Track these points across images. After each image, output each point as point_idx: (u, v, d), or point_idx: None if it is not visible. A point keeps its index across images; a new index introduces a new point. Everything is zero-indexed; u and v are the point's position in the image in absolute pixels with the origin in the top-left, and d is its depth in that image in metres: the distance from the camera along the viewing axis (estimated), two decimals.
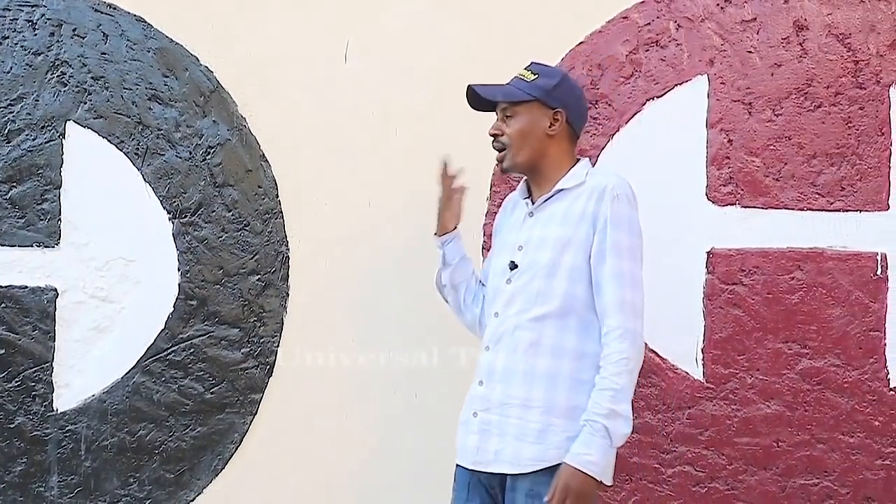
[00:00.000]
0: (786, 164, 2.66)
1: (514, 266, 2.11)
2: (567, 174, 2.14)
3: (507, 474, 2.03)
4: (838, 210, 2.64)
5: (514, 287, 2.10)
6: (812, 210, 2.65)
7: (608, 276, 2.02)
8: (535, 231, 2.11)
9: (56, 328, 2.89)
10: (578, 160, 2.20)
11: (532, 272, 2.07)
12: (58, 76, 2.91)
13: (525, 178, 2.23)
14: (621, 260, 2.03)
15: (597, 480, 1.94)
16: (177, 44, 2.89)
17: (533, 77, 2.16)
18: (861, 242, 2.64)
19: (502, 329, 2.09)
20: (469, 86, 2.20)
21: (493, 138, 2.18)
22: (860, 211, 2.64)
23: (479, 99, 2.20)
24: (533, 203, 2.17)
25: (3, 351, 2.89)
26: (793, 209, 2.66)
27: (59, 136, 2.90)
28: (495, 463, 2.04)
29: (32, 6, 2.92)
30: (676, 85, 2.72)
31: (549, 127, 2.13)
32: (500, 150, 2.17)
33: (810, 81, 2.66)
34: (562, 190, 2.12)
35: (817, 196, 2.65)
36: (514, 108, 2.14)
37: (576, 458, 1.93)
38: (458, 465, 2.15)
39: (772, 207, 2.67)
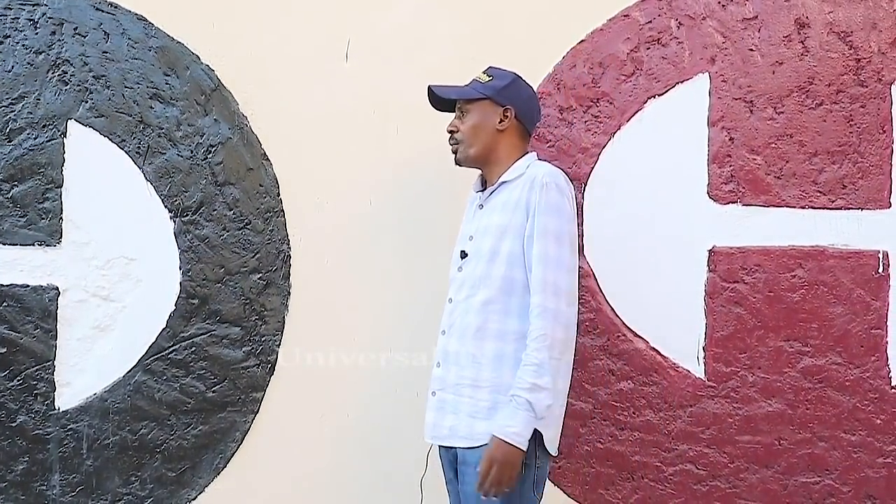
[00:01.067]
0: (787, 162, 2.66)
1: (464, 255, 2.29)
2: (511, 167, 2.31)
3: (457, 449, 2.22)
4: (840, 208, 2.64)
5: (463, 274, 2.29)
6: (813, 208, 2.65)
7: (534, 259, 2.16)
8: (482, 221, 2.29)
9: (58, 327, 2.89)
10: (526, 153, 2.36)
11: (477, 259, 2.25)
12: (59, 75, 2.91)
13: (480, 172, 2.40)
14: (546, 243, 2.16)
15: (520, 449, 2.07)
16: (178, 42, 2.89)
17: (488, 79, 2.36)
18: (862, 240, 2.63)
19: (455, 315, 2.27)
20: (429, 86, 2.39)
21: (450, 134, 2.36)
22: (862, 209, 2.63)
23: (440, 99, 2.40)
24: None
25: (4, 350, 2.89)
26: (794, 207, 2.66)
27: (60, 135, 2.90)
28: (450, 438, 2.23)
29: (34, 5, 2.92)
30: (678, 83, 2.72)
31: (499, 123, 2.32)
32: (454, 144, 2.35)
33: (812, 79, 2.66)
34: (504, 182, 2.29)
35: (819, 194, 2.65)
36: (467, 106, 2.34)
37: (500, 429, 2.08)
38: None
39: (773, 205, 2.66)
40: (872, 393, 2.62)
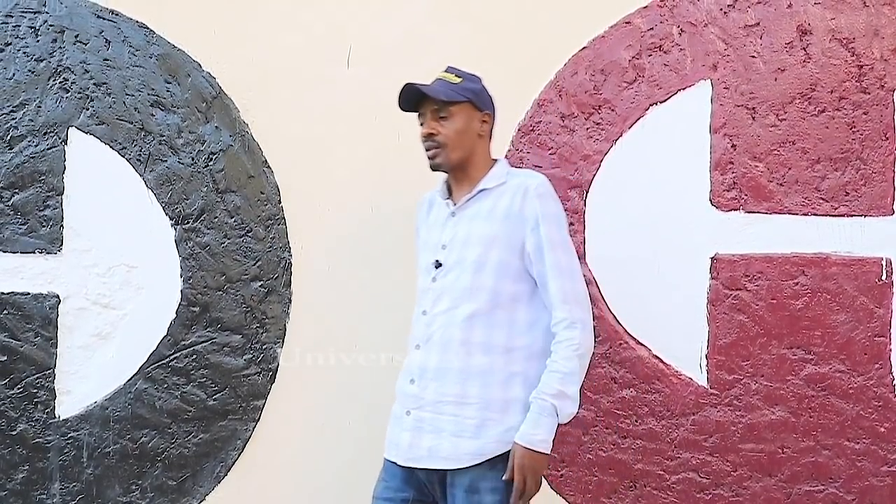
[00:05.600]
0: (790, 168, 2.66)
1: (438, 265, 2.18)
2: (488, 174, 2.22)
3: (445, 470, 2.09)
4: (843, 215, 2.63)
5: (440, 285, 2.17)
6: (816, 215, 2.64)
7: (549, 272, 2.11)
8: (459, 229, 2.18)
9: (58, 335, 2.88)
10: (496, 160, 2.28)
11: (459, 269, 2.14)
12: (60, 82, 2.91)
13: (445, 178, 2.30)
14: (557, 254, 2.11)
15: (546, 455, 2.06)
16: (179, 50, 2.89)
17: (458, 80, 2.23)
18: (866, 247, 2.63)
19: (432, 328, 2.15)
20: (406, 84, 2.22)
21: (426, 138, 2.22)
22: (865, 216, 2.63)
23: (407, 100, 2.25)
24: (454, 203, 2.23)
25: (5, 358, 2.89)
26: (797, 214, 2.65)
27: (61, 143, 2.90)
28: (429, 459, 2.11)
29: (35, 13, 2.92)
30: (680, 90, 2.72)
31: (480, 128, 2.23)
32: (434, 149, 2.21)
33: (814, 86, 2.65)
34: (483, 189, 2.20)
35: (821, 201, 2.64)
36: (449, 109, 2.20)
37: (526, 437, 2.03)
38: (387, 459, 2.23)
39: (776, 212, 2.66)
40: (876, 401, 2.61)
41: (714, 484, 2.66)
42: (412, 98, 2.23)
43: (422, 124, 2.24)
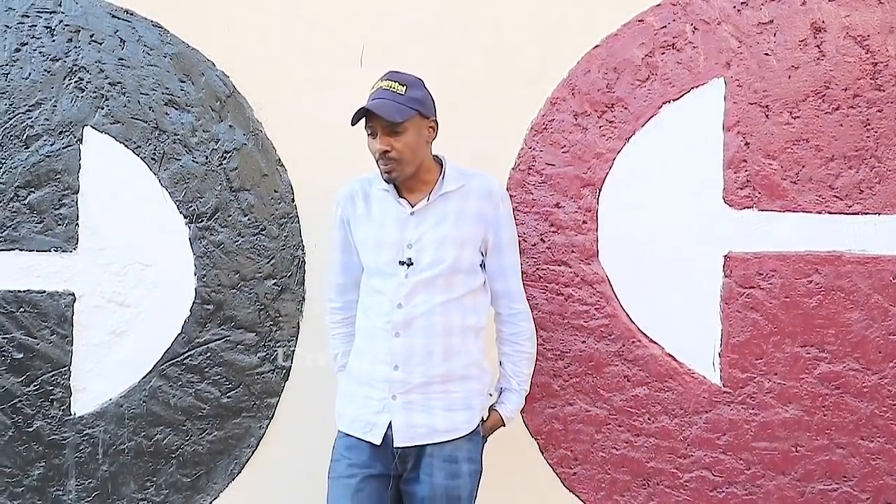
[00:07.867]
0: (804, 166, 2.65)
1: (410, 262, 2.27)
2: (445, 178, 2.32)
3: (424, 445, 2.26)
4: (857, 213, 2.63)
5: (415, 281, 2.27)
6: (830, 213, 2.64)
7: (510, 268, 2.39)
8: (427, 230, 2.29)
9: (74, 332, 2.90)
10: (442, 162, 2.36)
11: (437, 268, 2.26)
12: (75, 82, 2.92)
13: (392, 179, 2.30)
14: (516, 253, 2.41)
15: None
16: (193, 49, 2.91)
17: (402, 88, 2.24)
18: (880, 245, 2.62)
19: (411, 316, 2.27)
20: (361, 108, 2.21)
21: (381, 154, 2.23)
22: (879, 214, 2.62)
23: (357, 116, 2.24)
24: (410, 203, 2.31)
25: (21, 355, 2.91)
26: (811, 212, 2.64)
27: (76, 142, 2.92)
28: (430, 436, 2.26)
29: (51, 13, 2.94)
30: (693, 88, 2.71)
31: (429, 135, 2.30)
32: (390, 163, 2.24)
33: (828, 83, 2.65)
34: (445, 193, 2.31)
35: (835, 199, 2.64)
36: (402, 125, 2.22)
37: (510, 413, 2.40)
38: (355, 437, 2.31)
39: (789, 210, 2.65)
40: (891, 399, 2.60)
41: (727, 482, 2.66)
42: (359, 113, 2.23)
43: (370, 135, 2.26)
